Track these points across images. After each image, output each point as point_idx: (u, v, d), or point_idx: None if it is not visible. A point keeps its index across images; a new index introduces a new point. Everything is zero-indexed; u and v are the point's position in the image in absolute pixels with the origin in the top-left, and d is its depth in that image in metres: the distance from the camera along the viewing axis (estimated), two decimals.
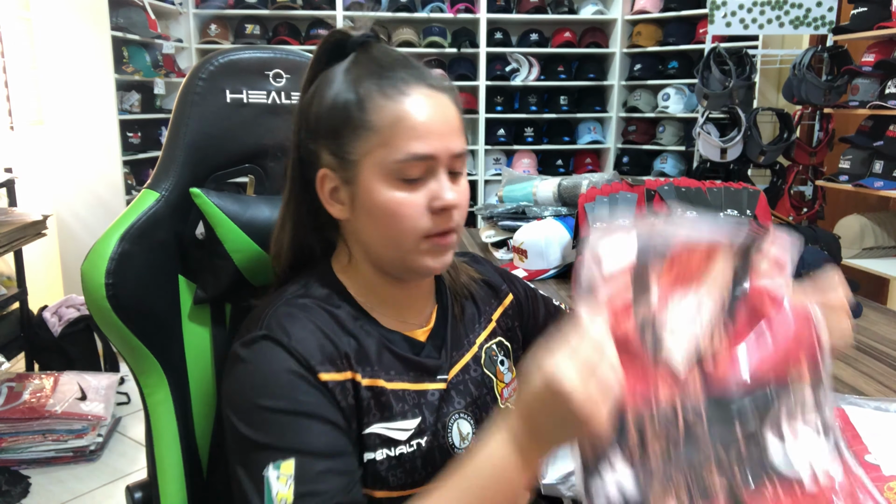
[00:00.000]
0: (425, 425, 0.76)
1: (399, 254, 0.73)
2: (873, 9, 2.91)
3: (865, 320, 1.47)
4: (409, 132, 0.70)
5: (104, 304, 0.81)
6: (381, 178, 0.71)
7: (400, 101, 0.70)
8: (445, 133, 0.71)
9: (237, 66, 0.89)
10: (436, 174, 0.72)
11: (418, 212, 0.71)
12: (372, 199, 0.71)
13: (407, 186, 0.71)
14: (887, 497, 0.79)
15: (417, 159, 0.70)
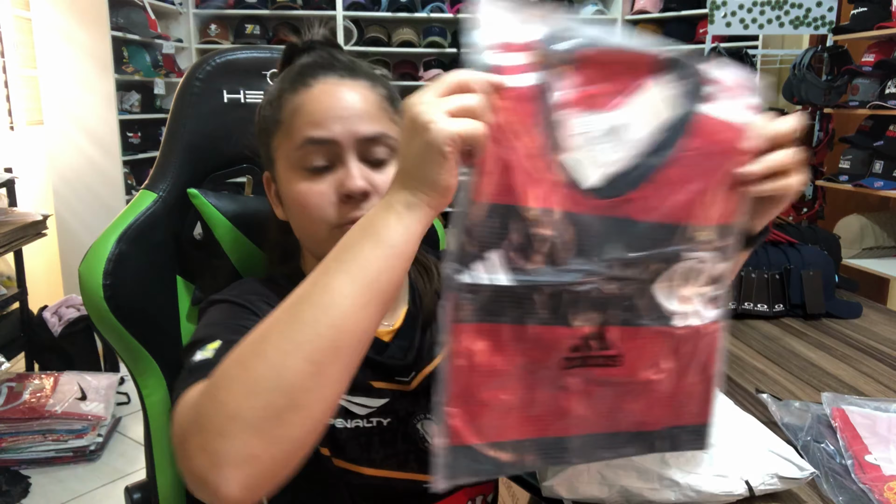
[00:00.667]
0: (392, 408, 0.75)
1: (315, 245, 0.73)
2: (873, 9, 2.91)
3: (865, 320, 1.47)
4: (305, 118, 0.70)
5: (102, 305, 0.81)
6: (289, 169, 0.72)
7: (301, 92, 0.71)
8: (348, 117, 0.70)
9: (234, 66, 0.89)
10: (344, 161, 0.70)
11: (325, 201, 0.70)
12: (285, 193, 0.73)
13: (311, 176, 0.70)
14: (887, 497, 0.79)
15: (314, 143, 0.69)
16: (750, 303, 1.47)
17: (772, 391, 1.08)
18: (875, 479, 0.82)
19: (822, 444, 0.89)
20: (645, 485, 0.82)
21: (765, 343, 1.33)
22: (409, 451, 0.75)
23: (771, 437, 0.88)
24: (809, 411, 0.97)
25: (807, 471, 0.83)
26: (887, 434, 0.90)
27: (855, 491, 0.81)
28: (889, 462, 0.85)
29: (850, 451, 0.87)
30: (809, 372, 1.19)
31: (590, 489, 0.82)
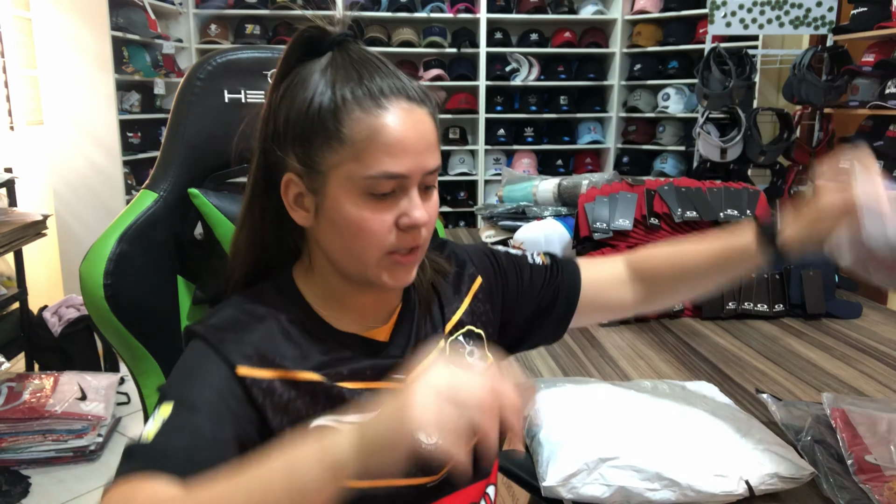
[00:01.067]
0: None
1: (359, 268, 0.71)
2: (873, 9, 2.91)
3: (865, 320, 1.47)
4: (383, 149, 0.66)
5: (103, 305, 0.81)
6: (350, 192, 0.68)
7: (377, 115, 0.66)
8: (421, 150, 0.68)
9: (235, 66, 0.89)
10: (407, 191, 0.69)
11: (385, 229, 0.68)
12: (338, 212, 0.68)
13: (375, 203, 0.68)
14: (887, 496, 0.79)
15: (389, 178, 0.67)
16: (750, 303, 1.47)
17: (772, 391, 1.08)
18: (875, 478, 0.82)
19: (822, 444, 0.89)
20: (645, 485, 0.82)
21: (765, 343, 1.33)
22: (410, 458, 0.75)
23: (771, 437, 0.88)
24: (809, 411, 0.97)
25: (806, 471, 0.83)
26: (887, 434, 0.90)
27: (855, 490, 0.81)
28: (889, 462, 0.85)
29: (850, 452, 0.87)
30: (809, 372, 1.19)
31: (590, 489, 0.82)
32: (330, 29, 0.70)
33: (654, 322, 1.46)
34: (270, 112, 0.72)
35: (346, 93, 0.67)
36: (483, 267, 0.90)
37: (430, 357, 0.79)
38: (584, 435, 0.87)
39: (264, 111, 0.73)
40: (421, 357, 0.78)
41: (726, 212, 1.56)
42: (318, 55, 0.71)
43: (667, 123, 4.29)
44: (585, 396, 0.97)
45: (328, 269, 0.75)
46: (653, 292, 0.92)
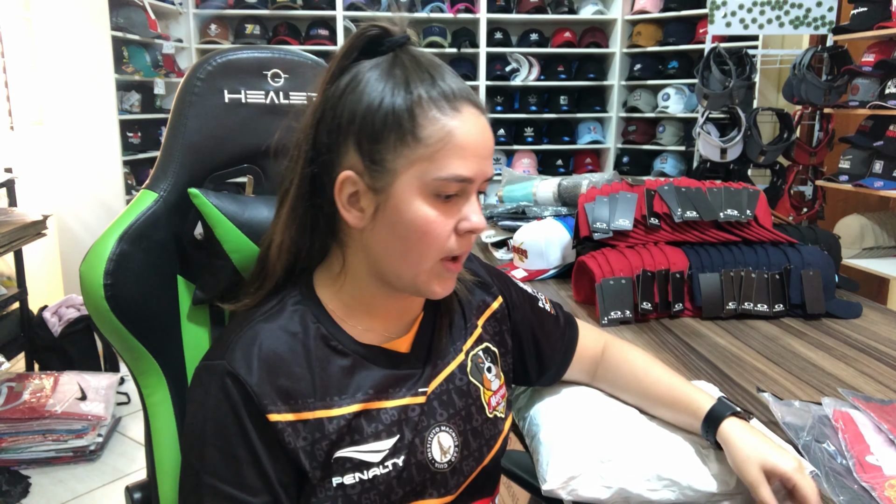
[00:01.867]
0: (402, 444, 0.73)
1: (411, 272, 0.70)
2: (873, 9, 2.91)
3: (865, 320, 1.47)
4: (456, 151, 0.67)
5: (103, 305, 0.81)
6: (419, 192, 0.67)
7: (452, 117, 0.67)
8: (485, 157, 0.70)
9: (235, 67, 0.89)
10: (468, 196, 0.70)
11: (446, 232, 0.69)
12: (402, 212, 0.68)
13: (441, 205, 0.68)
14: (888, 495, 0.79)
15: (458, 180, 0.67)
16: (750, 303, 1.47)
17: (772, 391, 1.08)
18: (876, 478, 0.82)
19: (823, 443, 0.89)
20: (645, 485, 0.82)
21: (765, 343, 1.33)
22: (426, 479, 0.74)
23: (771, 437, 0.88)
24: (811, 411, 0.97)
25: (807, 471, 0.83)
26: (889, 435, 0.90)
27: (856, 490, 0.81)
28: (890, 462, 0.85)
29: (852, 452, 0.87)
30: (809, 372, 1.19)
31: (590, 490, 0.83)
32: (393, 29, 0.70)
33: (654, 322, 1.46)
34: (326, 108, 0.70)
35: (421, 92, 0.67)
36: (503, 289, 0.91)
37: (449, 369, 0.80)
38: (584, 436, 0.87)
39: (317, 107, 0.71)
40: (440, 370, 0.79)
41: (726, 212, 1.56)
42: (373, 55, 0.70)
43: (667, 123, 4.29)
44: (585, 397, 0.97)
45: (364, 273, 0.73)
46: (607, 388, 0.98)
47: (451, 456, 0.77)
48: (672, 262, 1.48)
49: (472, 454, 0.79)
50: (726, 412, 0.81)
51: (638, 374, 0.93)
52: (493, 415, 0.82)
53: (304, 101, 0.93)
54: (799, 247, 1.55)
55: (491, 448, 0.82)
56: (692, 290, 1.48)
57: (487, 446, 0.81)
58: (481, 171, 0.69)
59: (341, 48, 0.71)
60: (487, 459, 0.81)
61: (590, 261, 1.49)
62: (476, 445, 0.80)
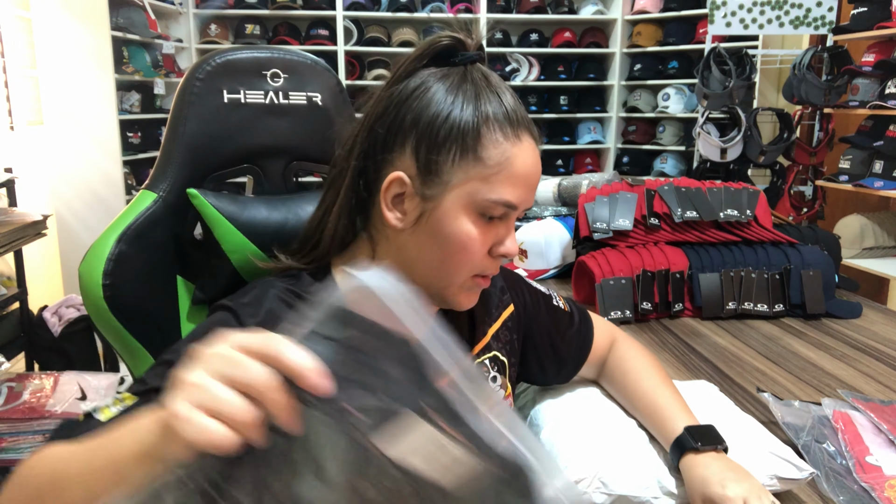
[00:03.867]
0: None
1: (443, 283, 0.72)
2: (873, 9, 2.91)
3: (865, 320, 1.47)
4: (511, 178, 0.69)
5: (102, 305, 0.81)
6: (466, 208, 0.69)
7: (515, 144, 0.69)
8: (534, 187, 0.72)
9: (234, 67, 0.89)
10: (508, 222, 0.72)
11: (483, 251, 0.71)
12: (447, 225, 0.69)
13: (483, 225, 0.70)
14: (888, 495, 0.79)
15: (506, 206, 0.69)
16: (750, 303, 1.47)
17: (772, 391, 1.08)
18: (876, 478, 0.82)
19: (823, 444, 0.89)
20: (645, 492, 0.82)
21: (765, 343, 1.33)
22: None
23: (770, 438, 0.88)
24: (810, 411, 0.97)
25: (806, 471, 0.83)
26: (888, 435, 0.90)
27: (856, 491, 0.81)
28: (890, 462, 0.85)
29: (851, 452, 0.87)
30: (809, 372, 1.19)
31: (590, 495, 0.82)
32: (468, 43, 0.73)
33: (654, 322, 1.46)
34: (390, 106, 0.70)
35: (489, 113, 0.69)
36: (516, 295, 0.91)
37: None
38: (585, 441, 0.87)
39: (377, 104, 0.72)
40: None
41: (726, 212, 1.56)
42: (443, 64, 0.72)
43: (667, 123, 4.29)
44: (587, 400, 0.97)
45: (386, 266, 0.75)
46: (607, 388, 0.99)
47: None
48: (672, 262, 1.48)
49: None
50: (687, 447, 0.80)
51: (628, 385, 0.93)
52: None
53: (304, 101, 0.94)
54: (799, 247, 1.55)
55: None
56: (692, 290, 1.48)
57: None
58: (526, 200, 0.72)
59: (414, 51, 0.72)
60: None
61: (590, 261, 1.49)
62: None
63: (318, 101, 0.95)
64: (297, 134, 0.94)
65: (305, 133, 0.95)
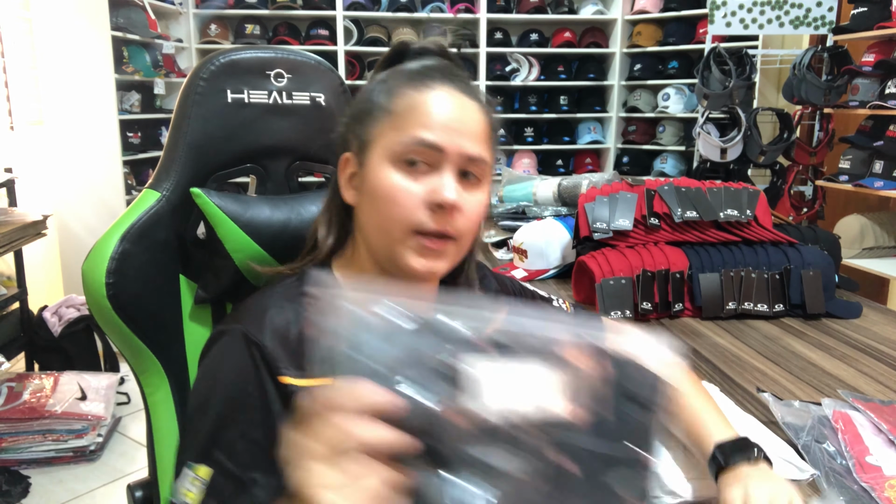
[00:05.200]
0: None
1: (387, 243, 0.72)
2: (873, 9, 2.91)
3: (865, 320, 1.47)
4: (422, 118, 0.70)
5: (105, 304, 0.81)
6: (387, 160, 0.71)
7: (423, 91, 0.71)
8: (460, 131, 0.71)
9: (238, 67, 0.90)
10: (440, 170, 0.71)
11: (414, 202, 0.69)
12: (373, 181, 0.71)
13: (409, 173, 0.70)
14: (888, 495, 0.79)
15: (423, 145, 0.69)
16: (750, 303, 1.47)
17: (772, 391, 1.08)
18: (876, 478, 0.82)
19: (823, 444, 0.90)
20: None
21: (765, 343, 1.33)
22: None
23: (771, 438, 0.88)
24: (810, 412, 0.97)
25: (806, 472, 0.83)
26: (888, 435, 0.90)
27: (856, 491, 0.81)
28: (890, 462, 0.85)
29: (851, 452, 0.87)
30: (809, 372, 1.19)
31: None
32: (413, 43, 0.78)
33: (654, 322, 1.46)
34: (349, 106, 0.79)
35: (401, 77, 0.74)
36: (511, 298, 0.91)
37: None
38: None
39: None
40: None
41: (726, 212, 1.56)
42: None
43: (667, 123, 4.30)
44: None
45: (365, 255, 0.76)
46: None
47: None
48: (672, 262, 1.48)
49: None
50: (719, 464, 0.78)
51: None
52: None
53: (307, 101, 0.94)
54: (799, 247, 1.56)
55: None
56: (692, 290, 1.48)
57: None
58: (452, 142, 0.70)
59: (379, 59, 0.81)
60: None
61: (590, 261, 1.50)
62: None
63: (321, 101, 0.95)
64: (301, 134, 0.94)
65: (308, 133, 0.95)
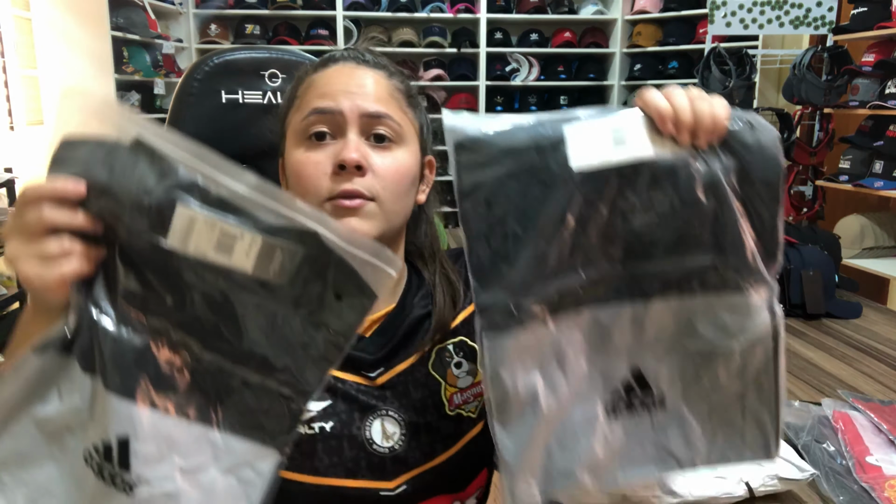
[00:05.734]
0: (333, 411, 0.71)
1: None
2: (873, 9, 2.91)
3: (865, 320, 1.47)
4: (316, 91, 0.72)
5: None
6: (294, 141, 0.73)
7: (319, 71, 0.74)
8: (356, 93, 0.71)
9: (233, 67, 0.89)
10: (345, 138, 0.70)
11: (320, 171, 0.70)
12: (288, 166, 0.73)
13: (312, 146, 0.71)
14: (888, 495, 0.79)
15: (319, 113, 0.70)
16: None
17: None
18: (876, 478, 0.82)
19: (823, 444, 0.89)
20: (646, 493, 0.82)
21: None
22: (359, 458, 0.71)
23: None
24: (810, 412, 0.97)
25: (806, 472, 0.83)
26: (888, 435, 0.90)
27: (856, 491, 0.81)
28: (890, 463, 0.85)
29: (851, 452, 0.86)
30: (809, 372, 1.19)
31: (591, 497, 0.82)
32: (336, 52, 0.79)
33: None
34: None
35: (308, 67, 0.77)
36: None
37: (409, 362, 0.76)
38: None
39: None
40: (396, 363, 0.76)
41: None
42: None
43: None
44: None
45: None
46: None
47: (394, 443, 0.73)
48: None
49: (421, 448, 0.74)
50: None
51: None
52: (454, 413, 0.76)
53: None
54: (799, 247, 1.55)
55: (448, 447, 0.76)
56: None
57: (443, 444, 0.75)
58: (350, 104, 0.70)
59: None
60: (441, 458, 0.75)
61: None
62: (427, 441, 0.74)
63: None
64: None
65: None
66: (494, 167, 0.55)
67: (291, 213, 0.52)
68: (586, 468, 0.62)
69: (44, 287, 0.52)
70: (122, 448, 0.53)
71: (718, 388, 0.61)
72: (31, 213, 0.52)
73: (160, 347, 0.54)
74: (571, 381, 0.60)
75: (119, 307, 0.53)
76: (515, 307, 0.57)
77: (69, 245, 0.52)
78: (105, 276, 0.54)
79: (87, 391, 0.54)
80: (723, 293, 0.59)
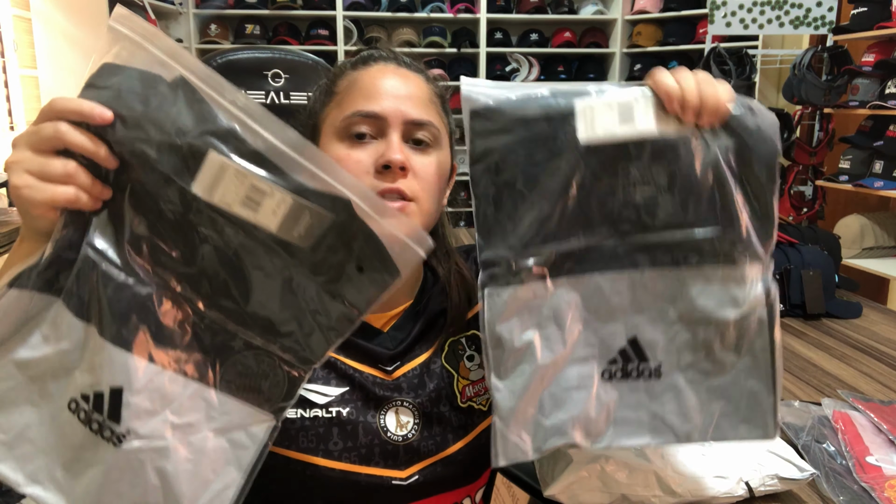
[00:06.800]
0: (351, 397, 0.73)
1: None
2: (873, 9, 2.91)
3: (865, 320, 1.47)
4: (359, 92, 0.73)
5: None
6: (333, 136, 0.73)
7: (360, 69, 0.75)
8: (400, 97, 0.72)
9: (235, 67, 0.90)
10: (387, 138, 0.72)
11: (361, 169, 0.70)
12: None
13: (352, 144, 0.72)
14: (888, 495, 0.79)
15: (363, 115, 0.71)
16: None
17: None
18: (876, 478, 0.82)
19: (823, 444, 0.89)
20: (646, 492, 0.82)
21: None
22: (373, 444, 0.73)
23: None
24: (810, 412, 0.97)
25: (807, 471, 0.83)
26: (888, 435, 0.90)
27: (856, 491, 0.81)
28: (890, 463, 0.85)
29: (851, 452, 0.87)
30: (809, 372, 1.19)
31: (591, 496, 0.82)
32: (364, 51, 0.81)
33: None
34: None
35: (345, 64, 0.78)
36: None
37: (425, 356, 0.78)
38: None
39: None
40: (412, 358, 0.77)
41: None
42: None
43: None
44: None
45: None
46: None
47: (408, 432, 0.75)
48: None
49: (434, 438, 0.76)
50: None
51: None
52: (466, 404, 0.78)
53: (305, 101, 0.94)
54: (799, 247, 1.55)
55: (459, 438, 0.77)
56: None
57: (454, 435, 0.77)
58: (395, 109, 0.72)
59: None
60: (452, 449, 0.77)
61: None
62: (439, 431, 0.76)
63: None
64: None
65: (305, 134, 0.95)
66: (506, 135, 0.59)
67: (329, 178, 0.50)
68: (579, 427, 0.64)
69: (31, 203, 0.50)
70: (114, 399, 0.51)
71: (714, 359, 0.64)
72: (48, 127, 0.51)
73: (164, 299, 0.52)
74: (568, 340, 0.62)
75: (123, 254, 0.51)
76: (516, 264, 0.60)
77: (73, 170, 0.50)
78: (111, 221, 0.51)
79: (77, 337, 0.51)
80: (718, 265, 0.62)
